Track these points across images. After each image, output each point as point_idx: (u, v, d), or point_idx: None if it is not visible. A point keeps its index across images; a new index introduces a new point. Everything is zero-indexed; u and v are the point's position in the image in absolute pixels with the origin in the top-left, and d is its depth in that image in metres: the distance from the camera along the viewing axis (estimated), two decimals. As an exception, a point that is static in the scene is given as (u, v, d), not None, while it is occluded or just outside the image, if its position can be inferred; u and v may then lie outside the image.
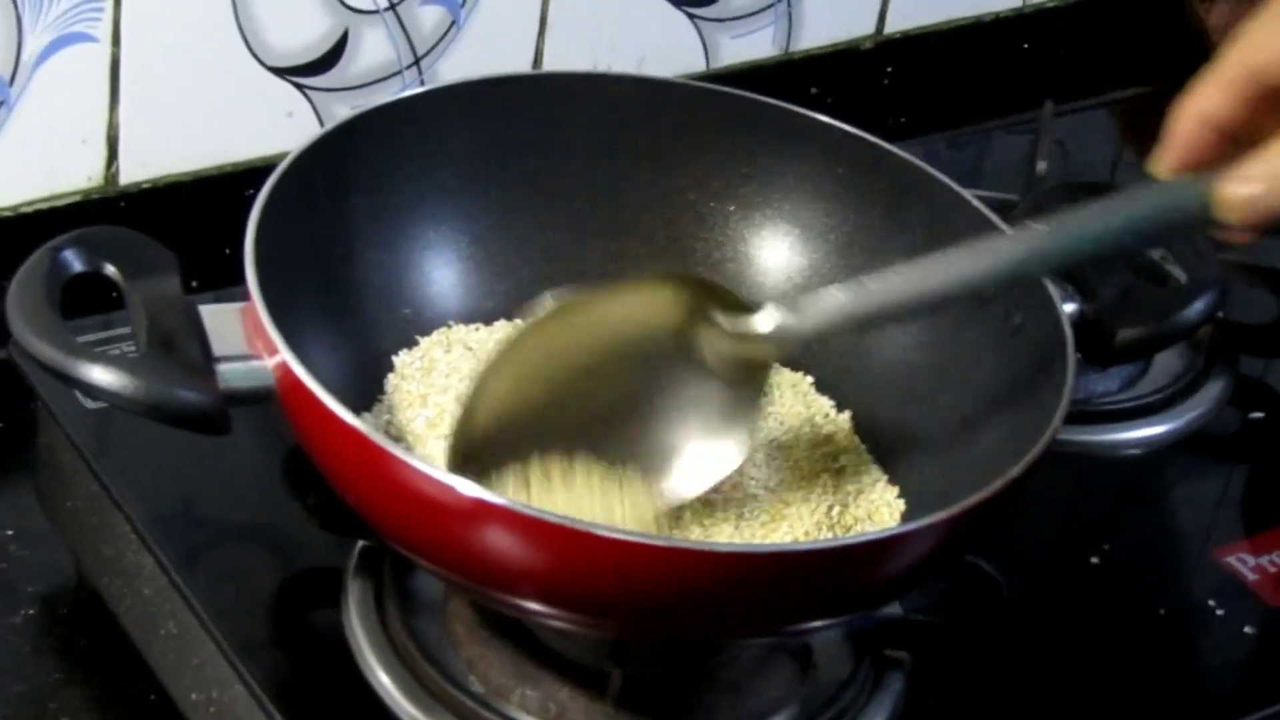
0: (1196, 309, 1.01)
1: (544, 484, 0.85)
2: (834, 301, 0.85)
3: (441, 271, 0.97)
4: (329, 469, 0.82)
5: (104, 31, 1.04)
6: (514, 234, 0.99)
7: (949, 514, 0.79)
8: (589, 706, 0.85)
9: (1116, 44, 1.42)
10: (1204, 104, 0.81)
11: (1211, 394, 1.10)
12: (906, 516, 0.91)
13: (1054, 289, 0.91)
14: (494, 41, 1.16)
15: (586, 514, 0.83)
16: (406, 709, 0.84)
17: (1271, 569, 0.99)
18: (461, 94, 0.98)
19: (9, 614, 0.95)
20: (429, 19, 1.14)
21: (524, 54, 1.18)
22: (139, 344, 0.84)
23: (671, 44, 1.23)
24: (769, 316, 0.86)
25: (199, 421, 0.83)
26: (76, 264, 0.86)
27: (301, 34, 1.10)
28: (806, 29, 1.28)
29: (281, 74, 1.10)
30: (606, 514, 0.84)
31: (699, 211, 1.01)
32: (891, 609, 0.90)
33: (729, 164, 1.00)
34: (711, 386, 0.88)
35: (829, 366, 0.97)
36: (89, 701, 0.92)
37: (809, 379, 0.97)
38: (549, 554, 0.77)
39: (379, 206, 0.95)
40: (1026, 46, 1.39)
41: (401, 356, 0.95)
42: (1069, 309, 0.93)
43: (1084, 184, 1.14)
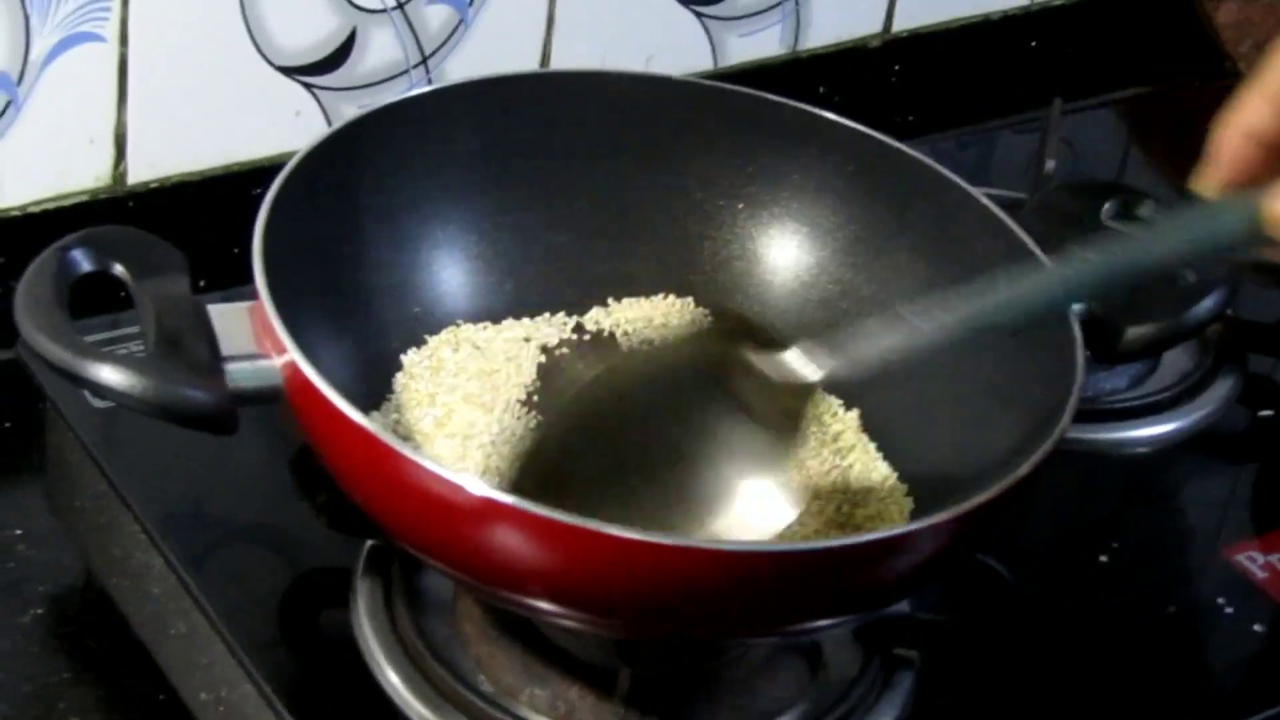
0: (1205, 307, 1.01)
1: None
2: (876, 342, 0.83)
3: (449, 270, 0.97)
4: (337, 468, 0.82)
5: (112, 31, 1.04)
6: (521, 232, 0.99)
7: (957, 512, 0.79)
8: (597, 705, 0.85)
9: (1124, 42, 1.42)
10: (1247, 118, 0.79)
11: (1220, 392, 1.10)
12: (915, 514, 0.91)
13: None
14: (501, 40, 1.16)
15: None
16: (415, 708, 0.84)
17: (1281, 567, 0.99)
18: (469, 93, 0.98)
19: (17, 614, 0.95)
20: (436, 18, 1.13)
21: (531, 53, 1.18)
22: (147, 343, 0.84)
23: (679, 43, 1.23)
24: (809, 360, 0.84)
25: (207, 421, 0.83)
26: (85, 264, 0.86)
27: (309, 33, 1.10)
28: (814, 27, 1.28)
29: (289, 73, 1.10)
30: None
31: (706, 210, 1.01)
32: (900, 607, 0.89)
33: (736, 162, 1.00)
34: (753, 430, 0.86)
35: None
36: (97, 701, 0.92)
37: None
38: (557, 553, 0.77)
39: (386, 205, 0.95)
40: (1034, 45, 1.39)
41: (409, 355, 0.95)
42: (1077, 307, 0.93)
43: (1091, 182, 1.14)
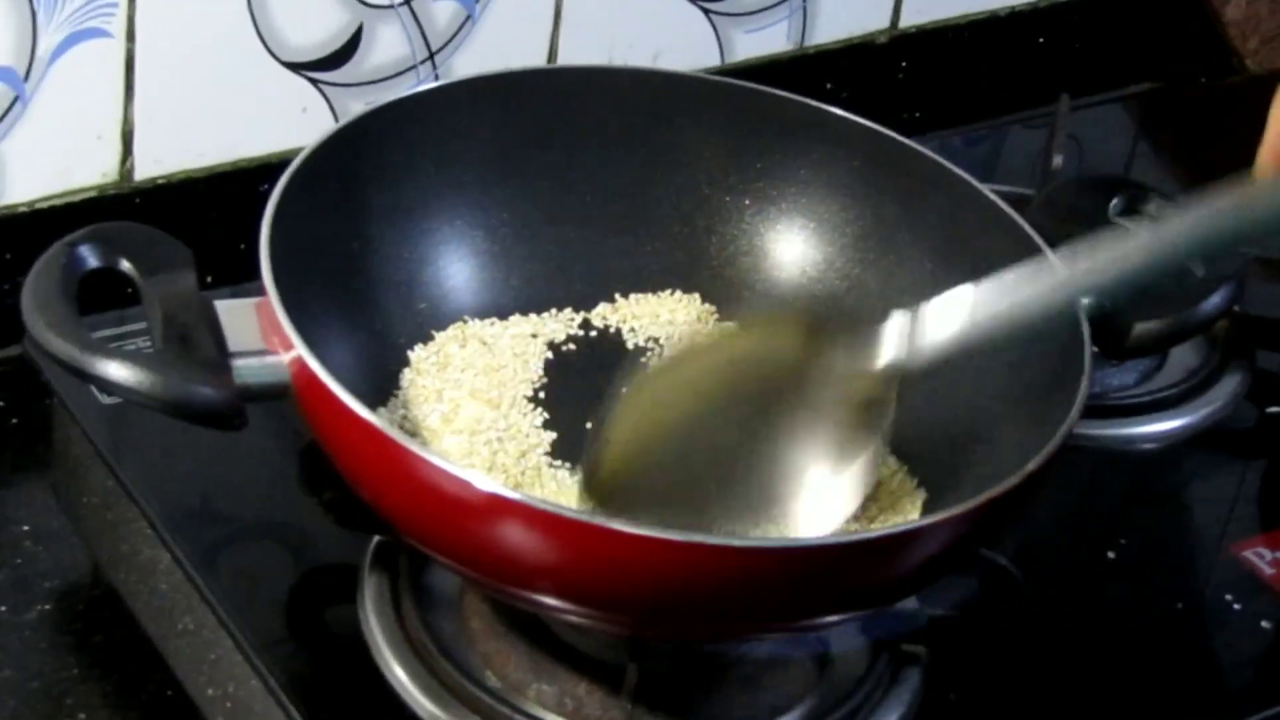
0: (1213, 303, 1.00)
1: None
2: (952, 328, 0.83)
3: (456, 266, 0.97)
4: (344, 464, 0.82)
5: (118, 27, 1.04)
6: (528, 229, 0.99)
7: (965, 509, 0.79)
8: (605, 701, 0.85)
9: (1132, 38, 1.42)
10: None
11: (1228, 388, 1.10)
12: (927, 507, 0.91)
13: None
14: (508, 36, 1.16)
15: None
16: (423, 704, 0.84)
17: (1289, 563, 0.99)
18: (476, 89, 0.98)
19: (25, 610, 0.95)
20: (443, 14, 1.13)
21: (538, 48, 1.18)
22: (154, 340, 0.84)
23: (686, 38, 1.23)
24: (885, 351, 0.85)
25: (214, 417, 0.83)
26: (92, 260, 0.86)
27: (316, 29, 1.10)
28: (821, 23, 1.28)
29: (296, 69, 1.10)
30: None
31: (713, 205, 1.01)
32: (908, 604, 0.89)
33: (744, 158, 1.00)
34: (831, 424, 0.86)
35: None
36: (105, 697, 0.92)
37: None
38: (565, 549, 0.77)
39: (393, 201, 0.95)
40: (1042, 41, 1.39)
41: (417, 351, 0.95)
42: (1085, 302, 0.92)
43: (1099, 178, 1.14)
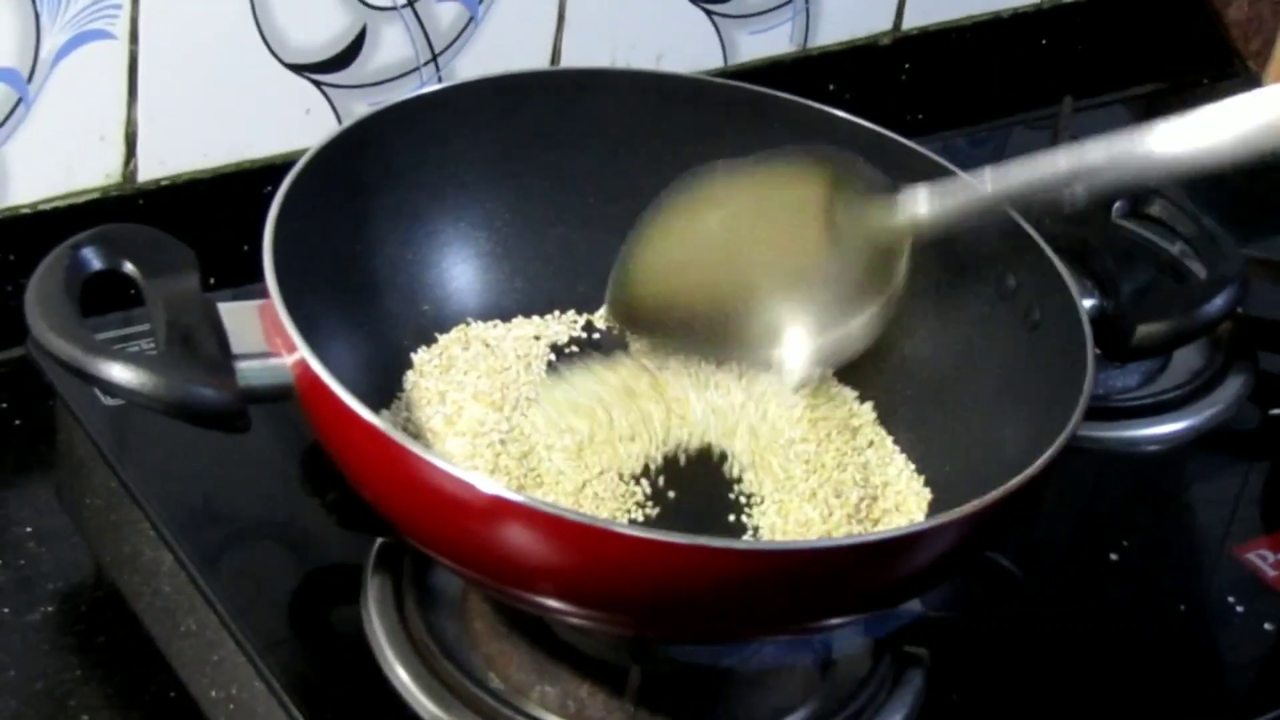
0: (1216, 305, 1.00)
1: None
2: (964, 191, 0.89)
3: (460, 268, 0.97)
4: (348, 466, 0.82)
5: (122, 29, 1.04)
6: (532, 230, 0.99)
7: (969, 511, 0.79)
8: (608, 703, 0.85)
9: (1134, 40, 1.42)
10: None
11: (1231, 390, 1.10)
12: (933, 508, 0.91)
13: (1073, 285, 0.90)
14: (512, 38, 1.16)
15: None
16: (426, 706, 0.84)
17: (1291, 565, 0.99)
18: (479, 90, 0.98)
19: (28, 611, 0.95)
20: (447, 15, 1.13)
21: (542, 50, 1.18)
22: (158, 341, 0.84)
23: (689, 40, 1.23)
24: (900, 205, 0.90)
25: (218, 419, 0.83)
26: (95, 261, 0.86)
27: (319, 31, 1.10)
28: (824, 25, 1.28)
29: (299, 71, 1.10)
30: None
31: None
32: (911, 605, 0.89)
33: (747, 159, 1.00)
34: (849, 260, 0.91)
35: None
36: (108, 699, 0.92)
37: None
38: (567, 551, 0.77)
39: (397, 203, 0.95)
40: (1045, 42, 1.39)
41: (420, 354, 0.95)
42: (1088, 304, 0.93)
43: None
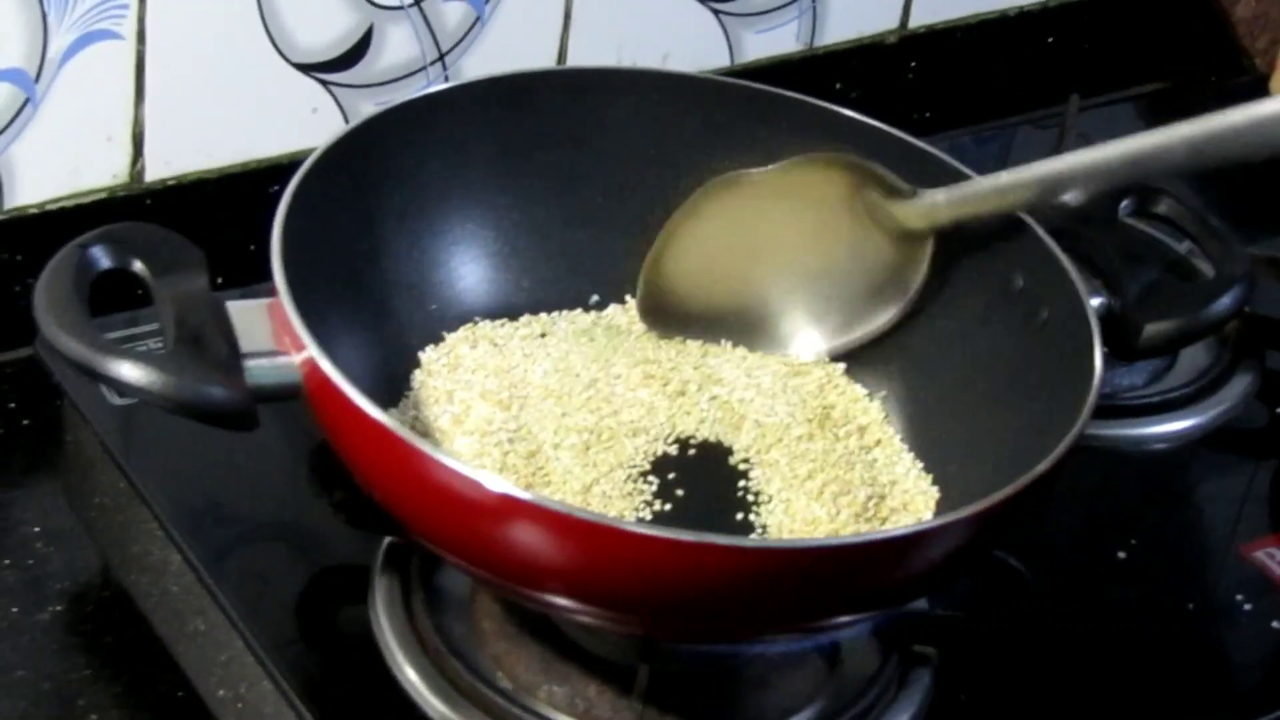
0: (1224, 304, 1.00)
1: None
2: (980, 188, 0.92)
3: (467, 267, 0.97)
4: (356, 465, 0.82)
5: (129, 29, 1.04)
6: (539, 230, 0.99)
7: (977, 509, 0.79)
8: (616, 702, 0.85)
9: (1141, 38, 1.42)
10: None
11: (1238, 389, 1.10)
12: (941, 506, 0.91)
13: (1081, 284, 0.90)
14: (518, 37, 1.16)
15: None
16: (434, 705, 0.84)
17: (1299, 564, 0.99)
18: (486, 90, 0.98)
19: (36, 611, 0.95)
20: (453, 15, 1.13)
21: (548, 50, 1.18)
22: (166, 340, 0.84)
23: (695, 39, 1.23)
24: (919, 206, 0.93)
25: (226, 418, 0.83)
26: (104, 260, 0.86)
27: (326, 30, 1.10)
28: (830, 24, 1.28)
29: (306, 70, 1.10)
30: None
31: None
32: (918, 604, 0.89)
33: (753, 158, 1.00)
34: (873, 255, 0.95)
35: (859, 356, 0.97)
36: (116, 698, 0.92)
37: (840, 366, 0.97)
38: (576, 549, 0.77)
39: (404, 203, 0.95)
40: (1051, 41, 1.39)
41: (428, 352, 0.95)
42: (1096, 303, 0.92)
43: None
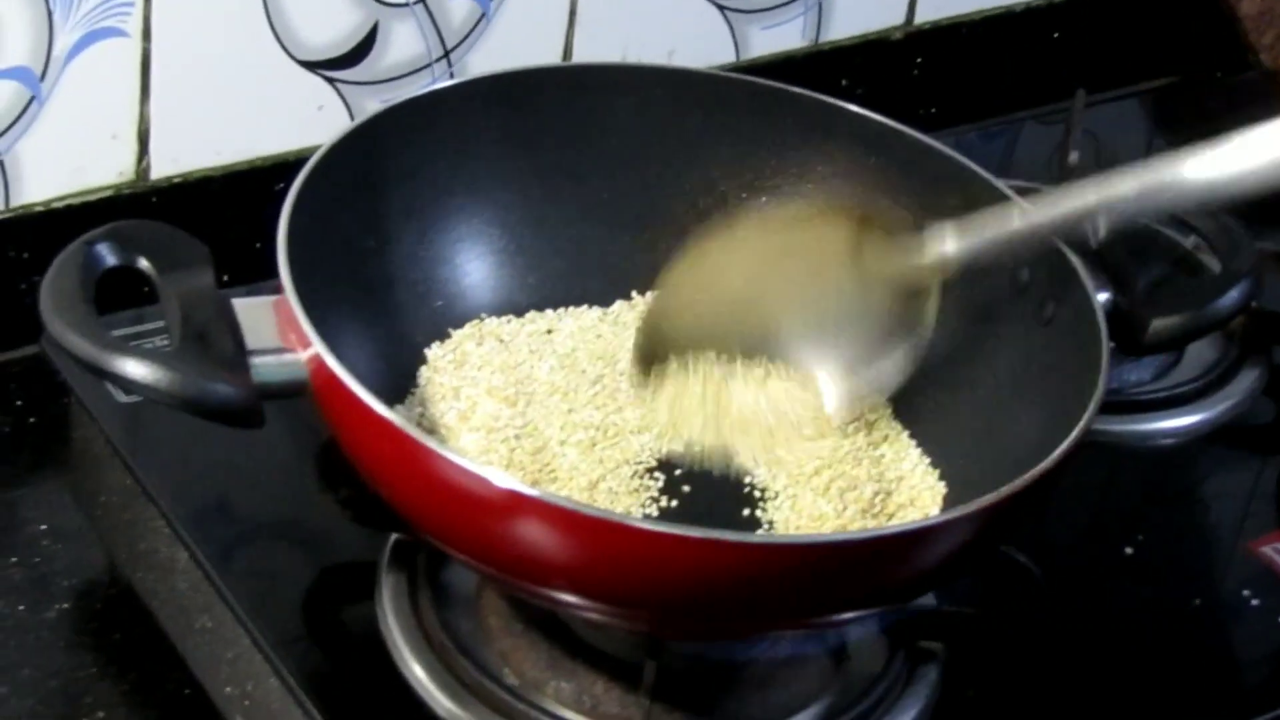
0: (1230, 299, 1.00)
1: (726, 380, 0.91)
2: (994, 226, 0.88)
3: (473, 264, 0.97)
4: (362, 462, 0.82)
5: (134, 26, 1.04)
6: (545, 226, 0.99)
7: (983, 505, 0.79)
8: (623, 699, 0.85)
9: (1147, 33, 1.42)
10: None
11: (1245, 384, 1.10)
12: (948, 501, 0.90)
13: (1088, 279, 0.90)
14: (523, 34, 1.16)
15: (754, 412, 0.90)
16: (441, 702, 0.84)
17: (1307, 560, 0.99)
18: (491, 87, 0.98)
19: (43, 608, 0.95)
20: (459, 12, 1.13)
21: (553, 46, 1.18)
22: (172, 338, 0.84)
23: (701, 36, 1.23)
24: (929, 244, 0.89)
25: (232, 415, 0.83)
26: (110, 258, 0.86)
27: (331, 28, 1.10)
28: (836, 20, 1.28)
29: (312, 68, 1.10)
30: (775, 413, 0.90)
31: (730, 202, 1.00)
32: (925, 600, 0.89)
33: (760, 155, 1.00)
34: (875, 306, 0.91)
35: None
36: (123, 696, 0.92)
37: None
38: (583, 546, 0.77)
39: (410, 199, 0.95)
40: (1057, 36, 1.39)
41: (434, 349, 0.95)
42: (1102, 299, 0.92)
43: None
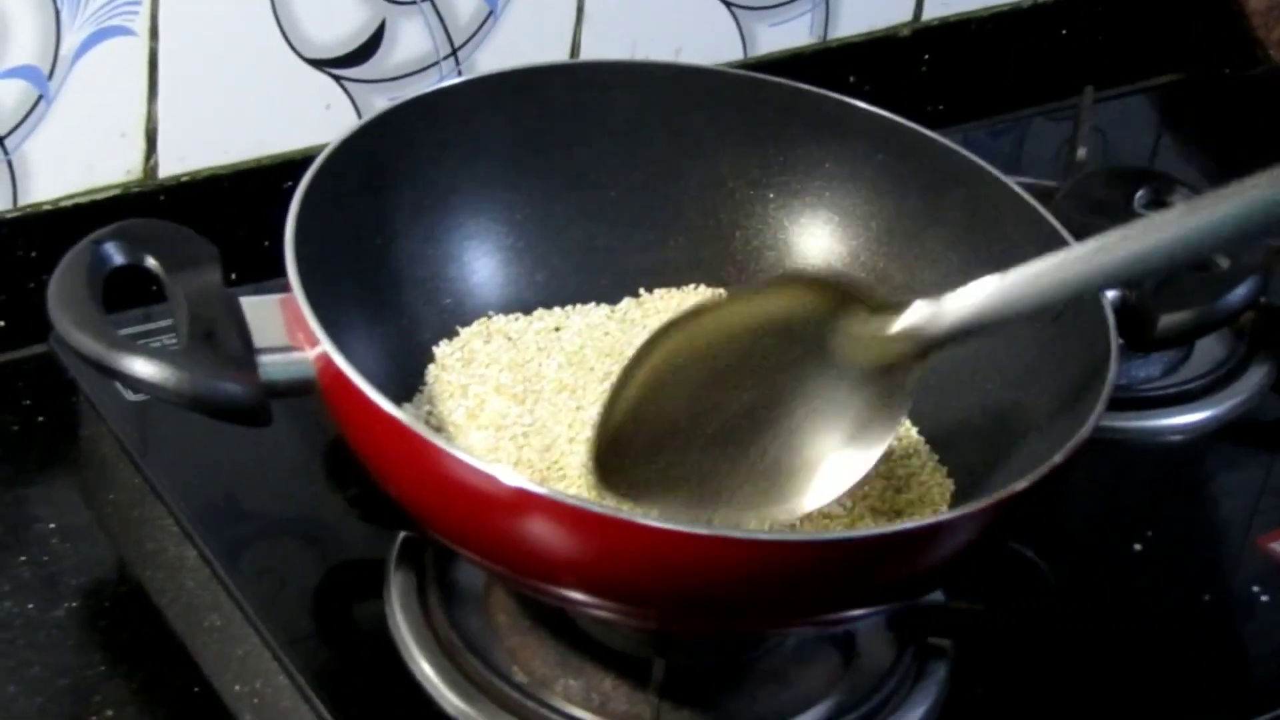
0: (1239, 295, 1.00)
1: None
2: (975, 299, 0.81)
3: (481, 262, 0.97)
4: (370, 460, 0.82)
5: (142, 25, 1.04)
6: (553, 224, 0.99)
7: (992, 501, 0.79)
8: (632, 696, 0.85)
9: (1155, 30, 1.42)
10: None
11: (1254, 380, 1.09)
12: (956, 498, 0.90)
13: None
14: (531, 31, 1.16)
15: None
16: (450, 699, 0.84)
17: (1316, 556, 0.99)
18: (499, 84, 0.98)
19: (52, 607, 0.95)
20: (466, 9, 1.13)
21: (561, 44, 1.18)
22: (180, 336, 0.84)
23: (708, 33, 1.23)
24: (908, 317, 0.83)
25: (240, 413, 0.83)
26: (118, 257, 0.86)
27: (339, 26, 1.10)
28: (844, 17, 1.28)
29: (319, 66, 1.10)
30: None
31: (737, 199, 1.00)
32: (934, 597, 0.89)
33: (767, 152, 1.00)
34: (852, 392, 0.85)
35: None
36: (132, 694, 0.92)
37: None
38: (591, 543, 0.77)
39: (418, 197, 0.95)
40: (1065, 33, 1.39)
41: (441, 347, 0.95)
42: (1111, 295, 0.92)
43: (1124, 170, 1.14)
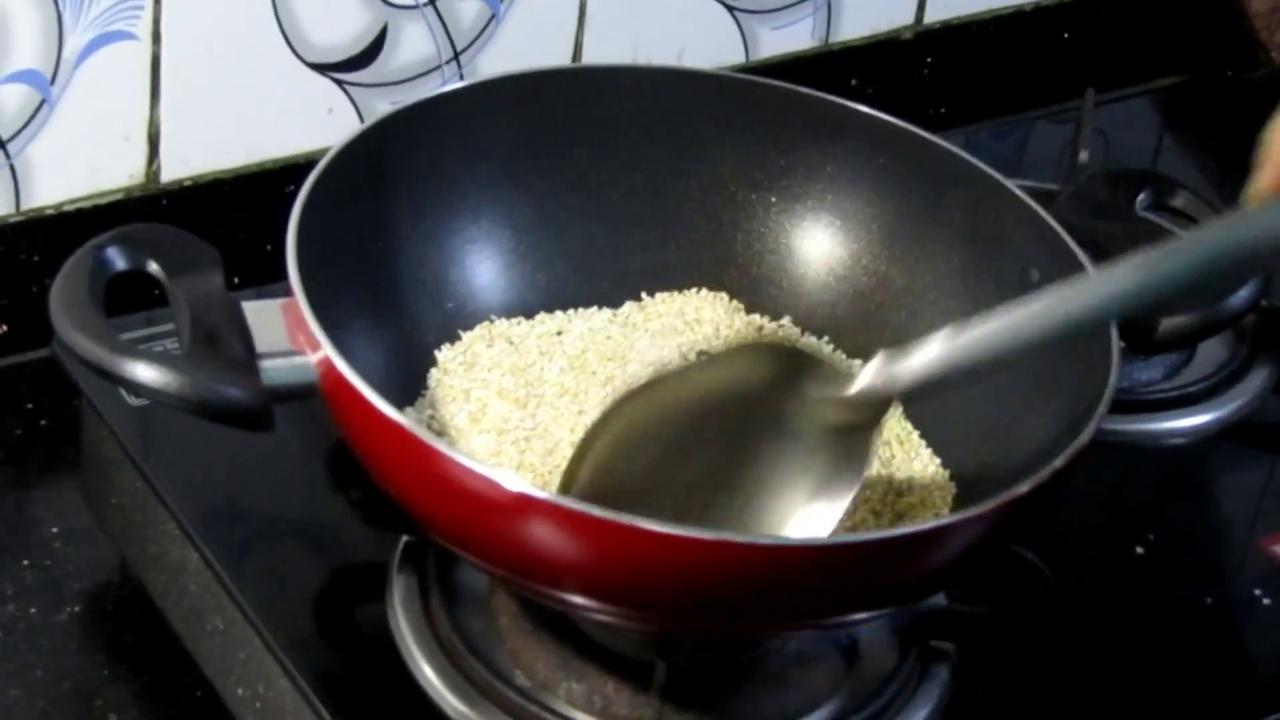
0: (1241, 298, 1.00)
1: None
2: (931, 357, 0.81)
3: (483, 265, 0.97)
4: (373, 464, 0.83)
5: (144, 29, 1.04)
6: (555, 227, 0.99)
7: (994, 505, 0.79)
8: (634, 699, 0.85)
9: (1157, 32, 1.42)
10: None
11: (1256, 383, 1.09)
12: (958, 500, 0.90)
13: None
14: (533, 35, 1.16)
15: None
16: (452, 703, 0.84)
17: (1318, 558, 0.99)
18: (501, 88, 0.98)
19: (55, 610, 0.95)
20: (468, 13, 1.14)
21: (563, 47, 1.18)
22: (182, 341, 0.84)
23: (710, 36, 1.23)
24: (864, 379, 0.83)
25: (242, 418, 0.83)
26: (119, 261, 0.86)
27: (341, 30, 1.10)
28: (846, 20, 1.28)
29: (321, 70, 1.10)
30: None
31: (739, 203, 1.01)
32: (936, 600, 0.89)
33: (769, 155, 1.00)
34: (811, 453, 0.84)
35: (874, 352, 0.97)
36: (135, 697, 0.92)
37: (856, 363, 0.97)
38: (593, 548, 0.77)
39: (420, 201, 0.95)
40: (1067, 36, 1.39)
41: (444, 351, 0.95)
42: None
43: (1125, 172, 1.14)
